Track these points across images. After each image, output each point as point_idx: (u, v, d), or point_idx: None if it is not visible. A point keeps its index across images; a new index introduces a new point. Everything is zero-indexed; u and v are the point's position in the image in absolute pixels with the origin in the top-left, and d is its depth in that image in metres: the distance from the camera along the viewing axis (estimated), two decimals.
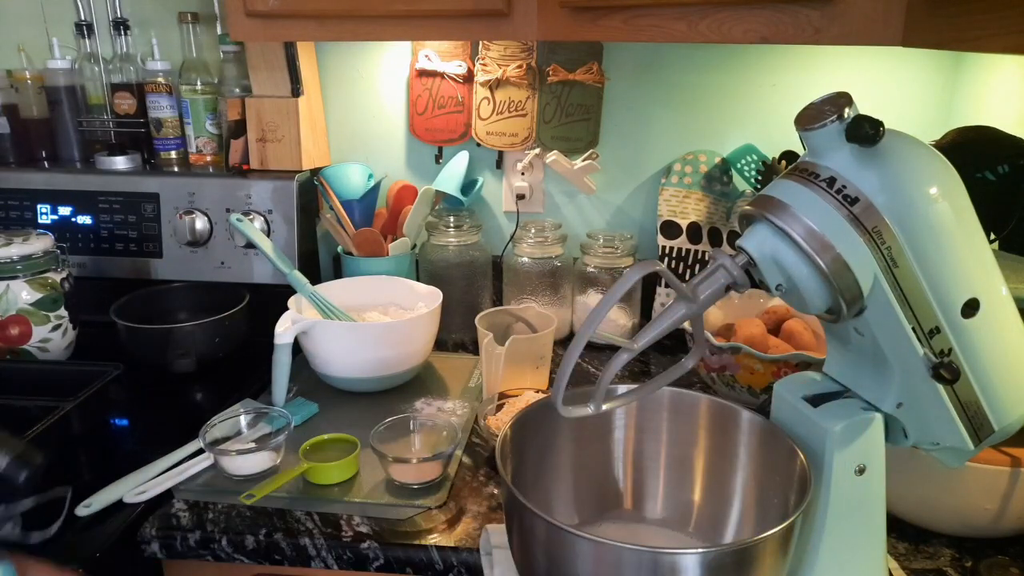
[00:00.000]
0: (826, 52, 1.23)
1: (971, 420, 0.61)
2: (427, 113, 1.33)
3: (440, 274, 1.28)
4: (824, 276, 0.56)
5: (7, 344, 1.11)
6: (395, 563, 0.80)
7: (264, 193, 1.26)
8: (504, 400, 0.99)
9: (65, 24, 1.35)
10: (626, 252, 1.27)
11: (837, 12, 0.78)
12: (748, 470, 0.73)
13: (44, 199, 1.31)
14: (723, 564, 0.56)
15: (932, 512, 0.78)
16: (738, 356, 0.98)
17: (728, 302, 1.14)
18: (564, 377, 0.58)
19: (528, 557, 0.63)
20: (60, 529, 0.80)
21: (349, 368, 1.07)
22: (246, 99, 1.27)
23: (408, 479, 0.87)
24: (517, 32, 0.99)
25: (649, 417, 0.77)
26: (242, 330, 1.21)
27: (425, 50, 1.30)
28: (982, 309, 0.58)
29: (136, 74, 1.34)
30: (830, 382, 0.68)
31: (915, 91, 1.23)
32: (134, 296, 1.23)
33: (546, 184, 1.38)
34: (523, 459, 0.72)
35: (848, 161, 0.56)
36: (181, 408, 1.11)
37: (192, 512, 0.85)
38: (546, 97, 1.29)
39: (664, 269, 0.57)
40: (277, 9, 1.01)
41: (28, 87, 1.35)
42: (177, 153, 1.37)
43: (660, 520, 0.78)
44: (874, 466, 0.64)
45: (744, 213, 0.61)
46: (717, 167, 1.28)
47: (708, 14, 0.85)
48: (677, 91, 1.30)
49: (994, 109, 1.11)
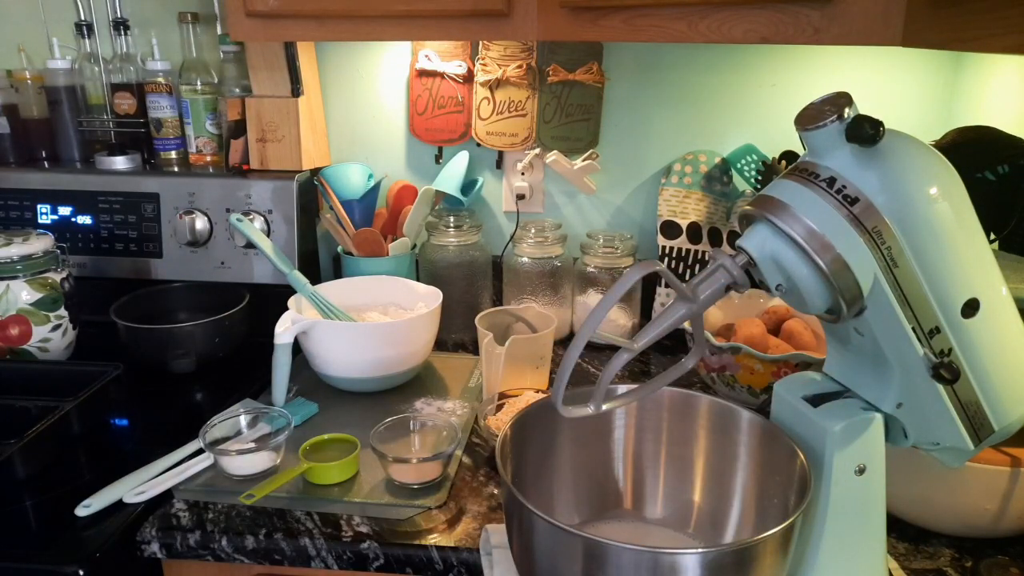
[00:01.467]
0: (826, 52, 1.23)
1: (971, 420, 0.61)
2: (427, 113, 1.33)
3: (440, 274, 1.28)
4: (824, 276, 0.56)
5: (7, 344, 1.11)
6: (395, 563, 0.80)
7: (264, 193, 1.26)
8: (504, 400, 0.99)
9: (65, 24, 1.35)
10: (626, 252, 1.27)
11: (837, 12, 0.78)
12: (748, 470, 0.73)
13: (44, 199, 1.31)
14: (723, 564, 0.56)
15: (932, 512, 0.78)
16: (738, 356, 0.98)
17: (728, 302, 1.14)
18: (564, 377, 0.58)
19: (528, 557, 0.63)
20: (60, 529, 0.80)
21: (349, 368, 1.07)
22: (246, 99, 1.27)
23: (408, 479, 0.87)
24: (517, 32, 0.99)
25: (649, 417, 0.77)
26: (242, 330, 1.21)
27: (425, 50, 1.30)
28: (982, 309, 0.58)
29: (136, 74, 1.34)
30: (830, 382, 0.68)
31: (915, 91, 1.23)
32: (134, 296, 1.23)
33: (546, 184, 1.38)
34: (523, 459, 0.72)
35: (848, 161, 0.56)
36: (181, 408, 1.11)
37: (192, 512, 0.85)
38: (546, 97, 1.29)
39: (664, 269, 0.57)
40: (277, 9, 1.01)
41: (28, 87, 1.35)
42: (177, 153, 1.37)
43: (660, 520, 0.78)
44: (874, 466, 0.64)
45: (744, 213, 0.61)
46: (717, 167, 1.28)
47: (708, 14, 0.85)
48: (677, 91, 1.30)
49: (994, 109, 1.11)
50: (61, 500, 0.85)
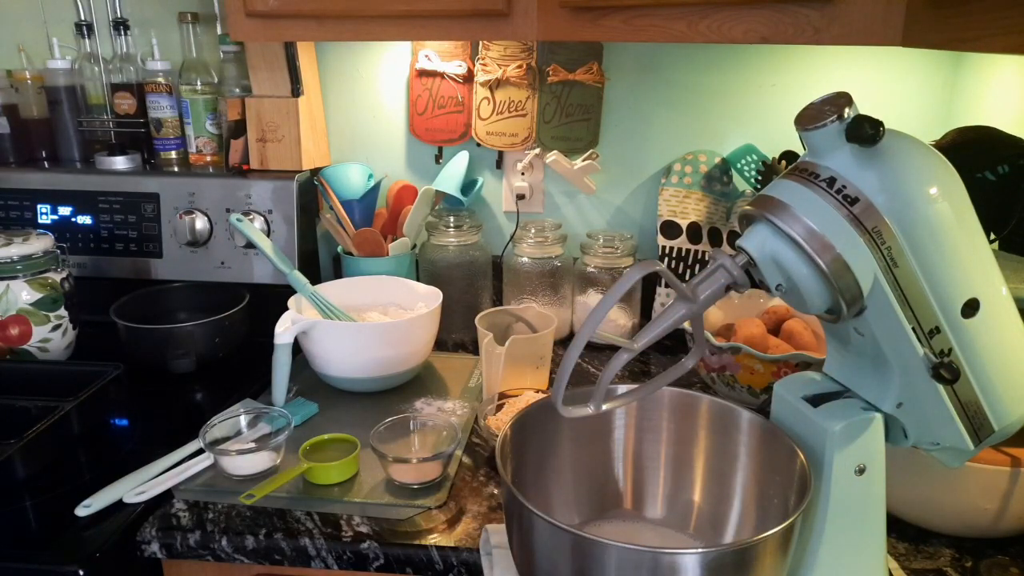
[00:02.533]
0: (826, 52, 1.23)
1: (971, 420, 0.61)
2: (427, 113, 1.33)
3: (440, 274, 1.28)
4: (824, 276, 0.56)
5: (7, 344, 1.11)
6: (395, 563, 0.80)
7: (264, 193, 1.26)
8: (504, 400, 0.99)
9: (65, 24, 1.35)
10: (626, 252, 1.27)
11: (837, 12, 0.78)
12: (748, 470, 0.73)
13: (44, 199, 1.31)
14: (723, 564, 0.56)
15: (932, 512, 0.78)
16: (738, 356, 0.98)
17: (728, 302, 1.14)
18: (564, 377, 0.58)
19: (528, 557, 0.63)
20: (60, 529, 0.80)
21: (349, 368, 1.07)
22: (246, 99, 1.27)
23: (408, 479, 0.87)
24: (517, 32, 0.99)
25: (649, 417, 0.77)
26: (242, 330, 1.21)
27: (425, 50, 1.30)
28: (982, 309, 0.58)
29: (136, 74, 1.34)
30: (830, 382, 0.68)
31: (915, 91, 1.23)
32: (134, 296, 1.23)
33: (546, 184, 1.38)
34: (523, 459, 0.72)
35: (848, 161, 0.56)
36: (181, 408, 1.11)
37: (192, 512, 0.85)
38: (546, 97, 1.29)
39: (664, 269, 0.57)
40: (277, 9, 1.01)
41: (28, 87, 1.35)
42: (177, 153, 1.37)
43: (660, 520, 0.78)
44: (874, 466, 0.64)
45: (744, 213, 0.61)
46: (717, 167, 1.28)
47: (708, 14, 0.85)
48: (677, 91, 1.30)
49: (994, 109, 1.11)
50: (61, 500, 0.85)
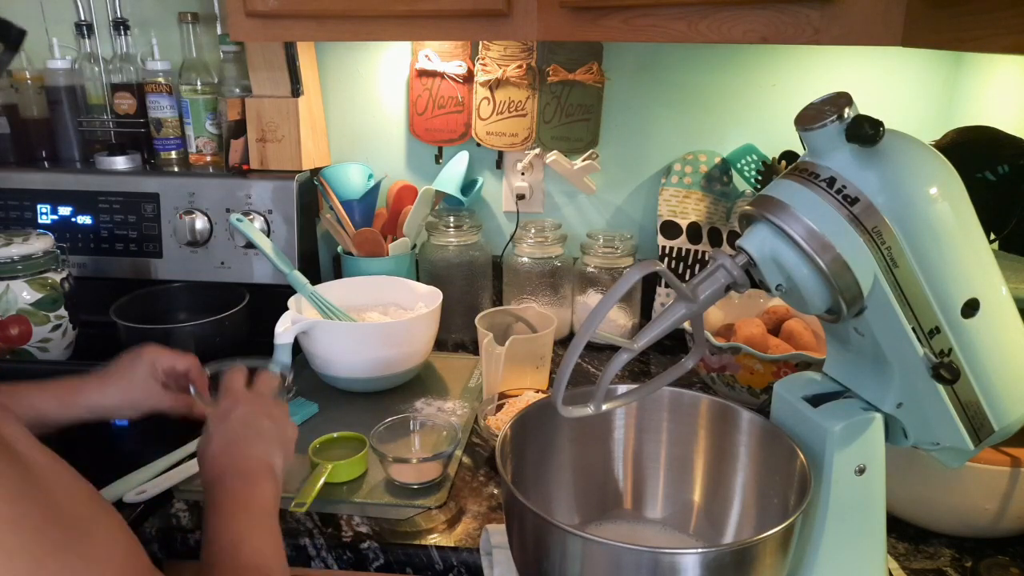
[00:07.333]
0: (826, 52, 1.23)
1: (971, 420, 0.61)
2: (427, 113, 1.33)
3: (440, 274, 1.28)
4: (824, 276, 0.56)
5: (7, 344, 1.11)
6: (395, 563, 0.80)
7: (264, 193, 1.26)
8: (504, 400, 0.99)
9: (65, 24, 1.34)
10: (626, 252, 1.27)
11: (837, 12, 0.78)
12: (748, 470, 0.73)
13: (44, 199, 1.31)
14: (723, 564, 0.56)
15: (932, 512, 0.78)
16: (738, 356, 0.98)
17: (728, 302, 1.14)
18: (564, 377, 0.58)
19: (528, 557, 0.63)
20: None
21: (349, 368, 1.07)
22: (246, 99, 1.27)
23: (408, 479, 0.87)
24: (517, 32, 0.99)
25: (649, 417, 0.77)
26: (242, 330, 1.21)
27: (425, 50, 1.30)
28: (982, 309, 0.58)
29: (136, 74, 1.34)
30: (830, 382, 0.68)
31: (915, 91, 1.23)
32: (134, 296, 1.22)
33: (546, 184, 1.38)
34: (523, 459, 0.72)
35: (848, 161, 0.56)
36: None
37: (192, 512, 0.85)
38: (546, 97, 1.29)
39: (664, 269, 0.57)
40: (277, 9, 1.01)
41: (28, 87, 1.35)
42: (177, 153, 1.37)
43: (660, 520, 0.78)
44: (874, 466, 0.64)
45: (744, 213, 0.61)
46: (717, 167, 1.28)
47: (708, 14, 0.85)
48: (677, 91, 1.30)
49: (994, 109, 1.11)
50: None
